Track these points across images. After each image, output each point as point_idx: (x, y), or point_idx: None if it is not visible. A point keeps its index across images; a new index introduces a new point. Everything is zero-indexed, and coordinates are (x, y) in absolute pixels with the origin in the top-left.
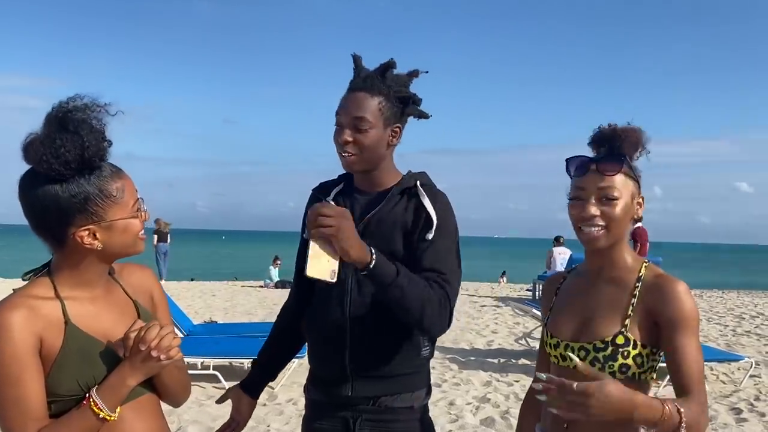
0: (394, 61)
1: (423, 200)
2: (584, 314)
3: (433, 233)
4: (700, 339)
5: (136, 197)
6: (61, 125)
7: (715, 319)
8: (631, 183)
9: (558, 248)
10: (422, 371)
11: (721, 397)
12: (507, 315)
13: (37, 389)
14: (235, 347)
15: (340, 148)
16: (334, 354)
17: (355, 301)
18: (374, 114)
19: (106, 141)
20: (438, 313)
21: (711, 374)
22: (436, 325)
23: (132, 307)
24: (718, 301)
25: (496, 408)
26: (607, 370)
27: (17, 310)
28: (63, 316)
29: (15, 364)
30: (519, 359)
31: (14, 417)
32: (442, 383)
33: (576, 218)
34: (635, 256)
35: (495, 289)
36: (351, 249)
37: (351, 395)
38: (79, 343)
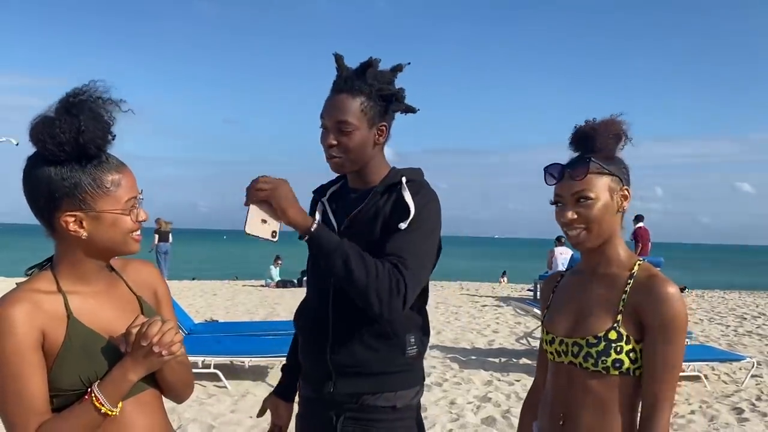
0: (374, 59)
1: (404, 193)
2: (579, 311)
3: (407, 224)
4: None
5: (133, 195)
6: (65, 108)
7: (717, 319)
8: (607, 179)
9: (559, 248)
10: (408, 371)
11: (723, 397)
12: (508, 315)
13: (39, 383)
14: (236, 346)
15: (326, 151)
16: (318, 350)
17: (338, 297)
18: (357, 115)
19: (107, 131)
20: (387, 291)
21: (713, 374)
22: (385, 303)
23: (135, 303)
24: (720, 301)
25: (497, 407)
26: (601, 366)
27: (20, 304)
28: (65, 311)
29: (17, 358)
30: (520, 359)
31: (16, 411)
32: (443, 382)
33: (560, 223)
34: (630, 254)
35: (496, 289)
36: (288, 209)
37: (333, 392)
38: (81, 338)
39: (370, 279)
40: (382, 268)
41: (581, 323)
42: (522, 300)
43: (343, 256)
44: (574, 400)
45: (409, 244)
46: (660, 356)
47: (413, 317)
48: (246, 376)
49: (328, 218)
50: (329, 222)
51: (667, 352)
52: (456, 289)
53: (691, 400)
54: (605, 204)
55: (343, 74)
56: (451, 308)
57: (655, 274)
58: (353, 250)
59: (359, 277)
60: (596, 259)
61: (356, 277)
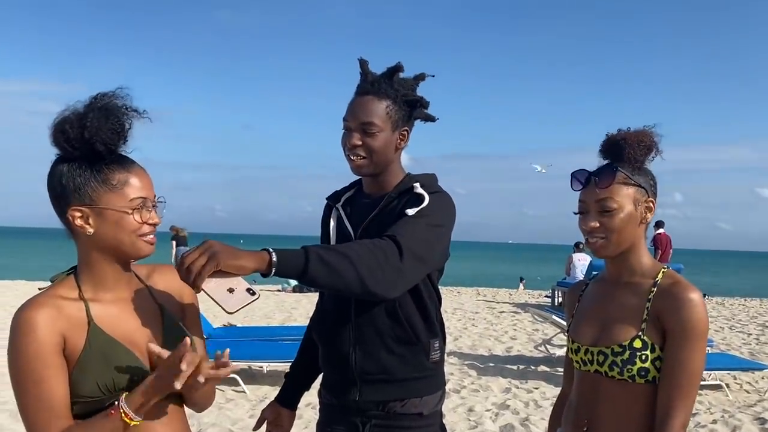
0: (401, 64)
1: (417, 191)
2: (603, 319)
3: (416, 211)
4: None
5: (142, 195)
6: (79, 108)
7: (738, 327)
8: (632, 189)
9: (578, 254)
10: (433, 376)
11: (746, 407)
12: (526, 321)
13: (60, 387)
14: (254, 350)
15: (348, 151)
16: (341, 357)
17: (359, 304)
18: (382, 118)
19: (117, 131)
20: (376, 264)
21: (734, 383)
22: (379, 279)
23: (158, 312)
24: (741, 309)
25: (515, 415)
26: (626, 375)
27: (42, 309)
28: (86, 317)
29: (39, 362)
30: (538, 366)
31: (38, 415)
32: (461, 389)
33: (581, 230)
34: (654, 262)
35: (513, 296)
36: (240, 260)
37: (358, 399)
38: (100, 345)
39: (353, 261)
40: (360, 246)
41: (606, 332)
42: (540, 307)
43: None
44: (599, 408)
45: (409, 226)
46: (678, 360)
47: (434, 321)
48: (264, 381)
49: (343, 224)
50: (345, 228)
51: (685, 356)
52: (473, 295)
53: (713, 410)
54: (628, 214)
55: (369, 77)
56: (468, 314)
57: (678, 281)
58: (323, 250)
59: (344, 266)
60: (620, 268)
61: (342, 269)
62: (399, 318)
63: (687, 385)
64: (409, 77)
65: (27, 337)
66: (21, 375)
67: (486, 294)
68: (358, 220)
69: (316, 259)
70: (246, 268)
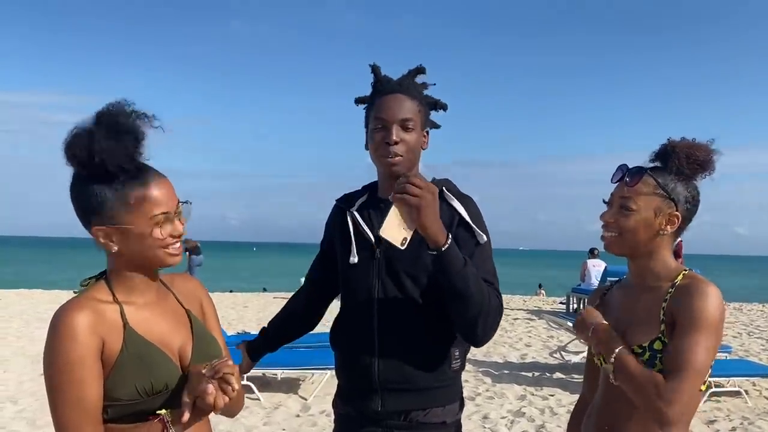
0: (423, 66)
1: (453, 203)
2: (625, 322)
3: (485, 237)
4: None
5: (163, 210)
6: (84, 128)
7: (756, 333)
8: (657, 199)
9: (592, 260)
10: (453, 385)
11: (765, 414)
12: (540, 328)
13: (96, 392)
14: (268, 358)
15: (385, 149)
16: (363, 366)
17: (383, 310)
18: (416, 115)
19: (128, 149)
20: (493, 320)
21: (753, 389)
22: (488, 332)
23: (185, 316)
24: (759, 315)
25: (531, 422)
26: None
27: (83, 312)
28: (122, 320)
29: (79, 365)
30: (554, 373)
31: (73, 418)
32: (476, 396)
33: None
34: (678, 267)
35: (527, 302)
36: (431, 225)
37: (380, 410)
38: (137, 347)
39: (483, 307)
40: (494, 297)
41: (627, 334)
42: (554, 313)
43: (465, 280)
44: (620, 412)
45: (492, 264)
46: (678, 348)
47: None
48: (278, 388)
49: (362, 229)
50: (364, 233)
51: (686, 345)
52: None
53: (732, 417)
54: (645, 220)
55: (391, 79)
56: None
57: (695, 278)
58: (475, 275)
59: (476, 302)
60: (642, 272)
61: (474, 302)
62: (422, 326)
63: (684, 375)
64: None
65: (68, 340)
66: (59, 377)
67: None
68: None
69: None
70: (429, 231)
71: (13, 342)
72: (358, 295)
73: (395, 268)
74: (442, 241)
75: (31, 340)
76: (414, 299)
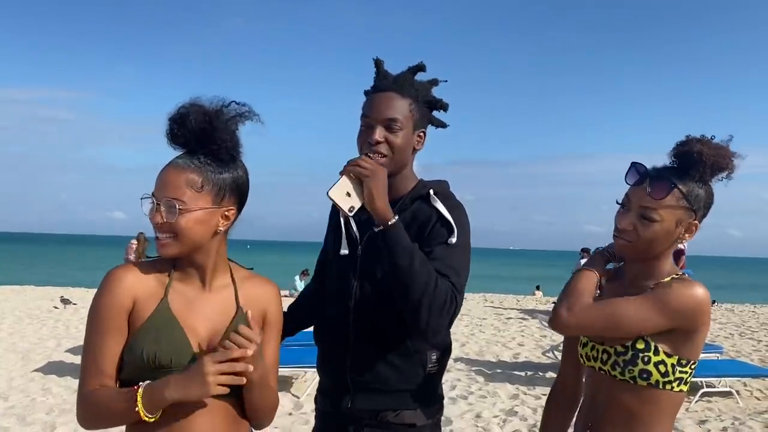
0: (423, 64)
1: (437, 205)
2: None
3: (455, 239)
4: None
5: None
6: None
7: (748, 333)
8: (681, 211)
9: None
10: (428, 388)
11: (756, 414)
12: (533, 327)
13: (113, 346)
14: None
15: (368, 148)
16: (336, 363)
17: (359, 307)
18: (405, 115)
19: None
20: (439, 308)
21: (745, 390)
22: (434, 320)
23: (233, 311)
24: (750, 315)
25: (523, 421)
26: (628, 375)
27: (129, 272)
28: (163, 291)
29: (105, 316)
30: (546, 372)
31: (87, 364)
32: (469, 395)
33: (615, 224)
34: (672, 269)
35: (520, 302)
36: (377, 197)
37: (350, 407)
38: (161, 320)
39: (428, 289)
40: (442, 282)
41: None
42: (548, 312)
43: (410, 258)
44: (602, 411)
45: (457, 263)
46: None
47: None
48: None
49: (350, 227)
50: (351, 231)
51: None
52: (479, 301)
53: (723, 417)
54: (666, 230)
55: (390, 75)
56: (476, 320)
57: (683, 278)
58: (421, 255)
59: (419, 283)
60: (639, 272)
61: (417, 283)
62: (396, 327)
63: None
64: (424, 81)
65: (104, 293)
66: (89, 323)
67: (493, 300)
68: (368, 223)
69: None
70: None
71: (5, 338)
72: (337, 293)
73: (372, 267)
74: (388, 217)
75: (22, 337)
76: (390, 300)
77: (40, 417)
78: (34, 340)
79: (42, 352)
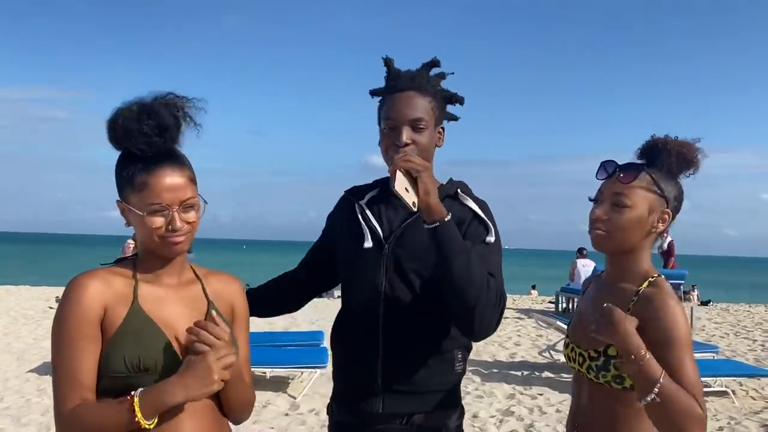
0: (437, 59)
1: (468, 203)
2: (588, 321)
3: (493, 237)
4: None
5: (158, 201)
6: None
7: (743, 333)
8: (652, 196)
9: (581, 260)
10: (455, 389)
11: (752, 414)
12: (530, 327)
13: (89, 357)
14: (257, 356)
15: (395, 151)
16: (365, 366)
17: (389, 308)
18: (428, 114)
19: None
20: (492, 307)
21: (740, 390)
22: (486, 318)
23: (204, 306)
24: (746, 315)
25: (520, 421)
26: (602, 380)
27: (94, 279)
28: (132, 295)
29: (77, 327)
30: (543, 372)
31: (62, 379)
32: (465, 395)
33: (589, 219)
34: (651, 270)
35: (516, 301)
36: (431, 192)
37: (381, 412)
38: (137, 323)
39: (483, 289)
40: (494, 281)
41: (587, 335)
42: (544, 312)
43: (467, 255)
44: (587, 411)
45: (496, 262)
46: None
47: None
48: (267, 387)
49: (370, 223)
50: (372, 227)
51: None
52: None
53: (719, 416)
54: (639, 217)
55: (400, 75)
56: None
57: (660, 289)
58: (476, 253)
59: (476, 281)
60: (618, 269)
61: (473, 281)
62: (429, 327)
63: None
64: (435, 75)
65: (72, 303)
66: (58, 337)
67: None
68: (391, 221)
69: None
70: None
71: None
72: (363, 291)
73: (403, 264)
74: (444, 213)
75: (17, 337)
76: (422, 298)
77: (36, 418)
78: (29, 341)
79: (37, 353)
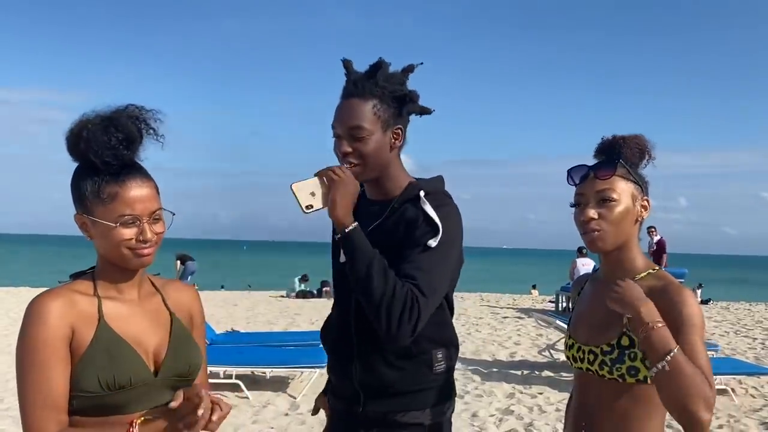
0: (383, 60)
1: (425, 207)
2: (594, 318)
3: (438, 240)
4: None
5: (129, 213)
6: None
7: (743, 331)
8: (631, 185)
9: (581, 259)
10: (437, 387)
11: (751, 411)
12: (530, 326)
13: (60, 378)
14: (257, 356)
15: (341, 160)
16: (344, 369)
17: (360, 315)
18: (370, 120)
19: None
20: (398, 314)
21: (740, 388)
22: (393, 325)
23: (167, 318)
24: (746, 314)
25: (519, 420)
26: (616, 374)
27: (57, 300)
28: (98, 313)
29: (45, 349)
30: (542, 371)
31: (34, 402)
32: (465, 395)
33: (578, 223)
34: (647, 262)
35: (516, 301)
36: (339, 205)
37: (362, 411)
38: (107, 341)
39: (386, 296)
40: (401, 288)
41: (596, 331)
42: (544, 312)
43: (367, 263)
44: (595, 410)
45: (430, 263)
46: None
47: (440, 332)
48: (267, 387)
49: None
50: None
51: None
52: (476, 300)
53: (719, 415)
54: (626, 208)
55: (352, 78)
56: (472, 320)
57: (669, 282)
58: (380, 262)
59: (377, 288)
60: (614, 266)
61: (374, 287)
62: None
63: (708, 369)
64: (397, 71)
65: (37, 324)
66: (24, 358)
67: (489, 299)
68: (364, 226)
69: (366, 262)
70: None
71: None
72: (340, 296)
73: None
74: (346, 224)
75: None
76: None
77: None
78: None
79: None
